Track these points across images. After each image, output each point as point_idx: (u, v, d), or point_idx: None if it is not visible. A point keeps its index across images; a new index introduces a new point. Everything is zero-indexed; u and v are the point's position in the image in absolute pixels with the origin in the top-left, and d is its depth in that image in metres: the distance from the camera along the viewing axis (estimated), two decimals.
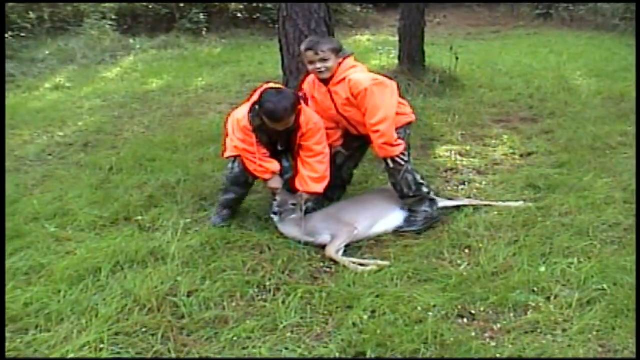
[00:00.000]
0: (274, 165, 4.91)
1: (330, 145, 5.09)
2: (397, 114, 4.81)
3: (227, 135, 4.98)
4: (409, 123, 5.06)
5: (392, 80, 4.94)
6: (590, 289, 3.88)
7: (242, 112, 4.84)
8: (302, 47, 4.85)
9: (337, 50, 4.77)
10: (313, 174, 4.87)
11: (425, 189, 5.00)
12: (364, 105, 4.67)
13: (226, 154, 5.01)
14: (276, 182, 4.93)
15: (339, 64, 4.78)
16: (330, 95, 4.88)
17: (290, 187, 5.02)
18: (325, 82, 4.85)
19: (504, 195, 5.53)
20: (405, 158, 4.87)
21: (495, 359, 3.33)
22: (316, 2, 6.68)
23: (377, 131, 4.69)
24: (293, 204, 4.80)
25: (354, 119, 4.93)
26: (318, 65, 4.74)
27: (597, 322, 3.55)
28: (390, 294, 3.90)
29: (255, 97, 4.76)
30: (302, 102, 4.84)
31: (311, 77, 5.07)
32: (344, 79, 4.75)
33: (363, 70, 4.90)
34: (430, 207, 5.01)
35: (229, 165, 5.02)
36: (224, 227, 5.01)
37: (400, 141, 4.81)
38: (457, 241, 4.69)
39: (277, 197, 4.83)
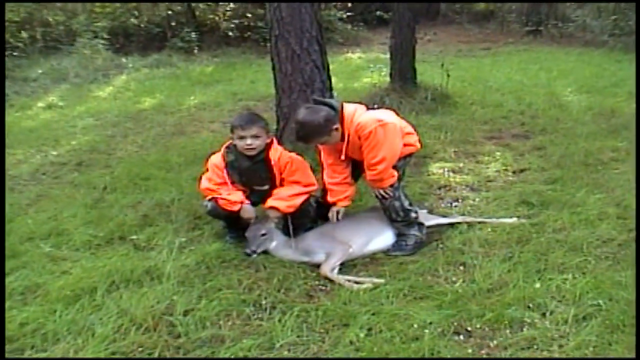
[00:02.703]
0: (238, 195, 4.95)
1: (334, 203, 5.15)
2: (403, 145, 4.86)
3: None
4: (412, 153, 5.11)
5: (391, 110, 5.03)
6: (585, 304, 3.89)
7: (216, 155, 5.04)
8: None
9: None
10: (283, 191, 4.97)
11: (413, 215, 5.01)
12: (366, 146, 4.70)
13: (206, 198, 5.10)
14: (248, 213, 4.97)
15: (343, 117, 4.76)
16: (347, 145, 4.86)
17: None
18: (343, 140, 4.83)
19: (498, 212, 5.55)
20: (395, 186, 4.89)
21: None
22: (308, 15, 6.70)
23: (373, 170, 4.74)
24: (263, 235, 4.82)
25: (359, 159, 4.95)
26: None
27: (594, 337, 3.55)
28: (387, 312, 3.90)
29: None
30: (274, 138, 5.04)
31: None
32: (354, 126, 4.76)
33: (363, 109, 4.91)
34: (420, 231, 5.03)
35: (203, 203, 5.10)
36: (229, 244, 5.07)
37: (393, 175, 4.85)
38: (452, 258, 4.70)
39: (247, 234, 4.86)
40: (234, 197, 4.91)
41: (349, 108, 4.82)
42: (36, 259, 4.88)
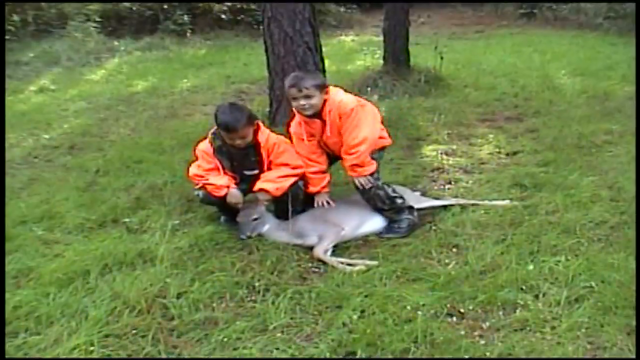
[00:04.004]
0: (224, 179, 4.89)
1: (318, 192, 5.15)
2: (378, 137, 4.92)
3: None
4: (385, 147, 5.16)
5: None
6: (578, 286, 3.89)
7: (203, 142, 4.98)
8: (286, 83, 4.82)
9: (323, 87, 4.76)
10: (272, 173, 4.93)
11: (399, 201, 4.99)
12: (347, 125, 4.74)
13: (196, 187, 5.05)
14: (235, 198, 4.91)
15: (327, 94, 4.81)
16: (323, 125, 4.90)
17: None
18: (316, 116, 4.86)
19: (491, 195, 5.56)
20: (375, 176, 4.90)
21: (485, 358, 3.34)
22: (301, 2, 6.69)
23: (354, 152, 4.74)
24: (256, 219, 4.81)
25: (336, 149, 4.99)
26: (302, 102, 4.72)
27: (586, 319, 3.56)
28: (380, 294, 3.90)
29: None
30: (259, 121, 4.95)
31: (296, 119, 5.07)
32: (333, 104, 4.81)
33: (347, 94, 4.97)
34: (411, 214, 5.01)
35: (195, 193, 5.07)
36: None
37: (372, 162, 4.86)
38: (445, 240, 4.71)
39: (238, 219, 4.86)
40: (220, 181, 4.85)
41: (333, 89, 4.87)
42: (29, 242, 4.87)
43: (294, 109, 4.89)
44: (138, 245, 4.67)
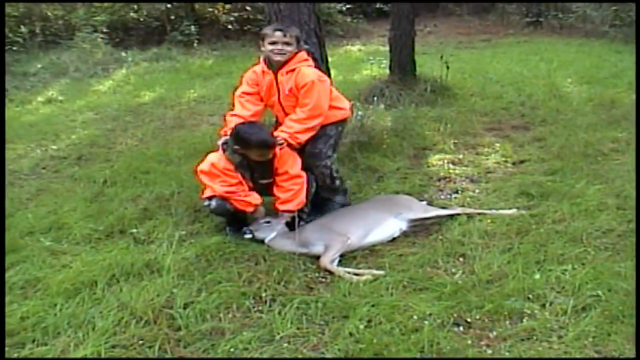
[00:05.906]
0: (255, 198, 5.00)
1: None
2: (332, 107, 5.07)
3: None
4: (344, 120, 5.29)
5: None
6: (585, 295, 3.89)
7: (216, 156, 4.98)
8: (270, 27, 5.14)
9: (299, 41, 5.06)
10: (287, 194, 4.99)
11: (338, 182, 5.31)
12: (303, 97, 4.89)
13: (204, 196, 5.08)
14: (261, 214, 5.06)
15: (295, 54, 4.99)
16: (277, 84, 5.06)
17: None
18: (274, 68, 5.05)
19: (498, 204, 5.55)
20: (328, 154, 5.15)
21: None
22: (306, 2, 6.68)
23: (300, 121, 4.90)
24: (267, 222, 4.90)
25: (292, 111, 5.08)
26: (280, 47, 4.95)
27: (593, 328, 3.56)
28: (386, 304, 3.91)
29: (223, 138, 5.00)
30: None
31: (259, 67, 5.25)
32: (294, 69, 4.96)
33: (312, 66, 5.12)
34: (344, 197, 5.40)
35: (205, 203, 5.08)
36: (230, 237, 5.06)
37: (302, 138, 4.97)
38: (451, 250, 4.70)
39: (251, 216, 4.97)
40: (252, 200, 4.97)
41: (304, 55, 5.11)
42: (36, 253, 4.88)
43: (263, 54, 5.16)
44: (145, 255, 4.68)
